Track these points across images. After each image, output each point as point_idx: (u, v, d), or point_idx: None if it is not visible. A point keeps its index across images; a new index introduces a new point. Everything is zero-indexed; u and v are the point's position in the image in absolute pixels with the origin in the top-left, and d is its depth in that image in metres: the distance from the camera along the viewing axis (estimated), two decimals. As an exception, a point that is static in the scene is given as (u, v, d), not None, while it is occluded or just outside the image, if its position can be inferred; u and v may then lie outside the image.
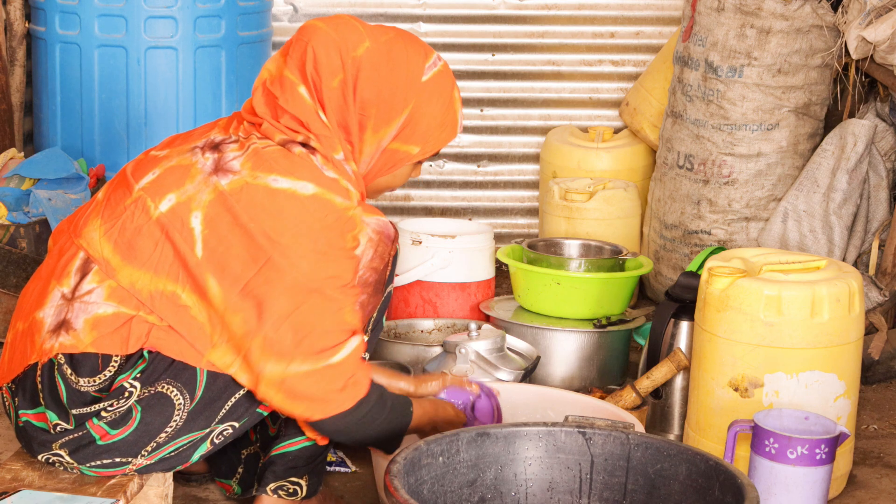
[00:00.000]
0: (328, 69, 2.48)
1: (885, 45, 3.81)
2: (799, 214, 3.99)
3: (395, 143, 2.56)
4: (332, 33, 2.50)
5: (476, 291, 3.87)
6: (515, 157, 4.97)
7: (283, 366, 2.38)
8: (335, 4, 4.85)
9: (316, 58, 2.48)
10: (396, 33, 2.57)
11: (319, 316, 2.40)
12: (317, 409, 2.43)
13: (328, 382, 2.41)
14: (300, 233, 2.39)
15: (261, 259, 2.38)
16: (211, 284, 2.39)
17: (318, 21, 2.54)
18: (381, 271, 2.61)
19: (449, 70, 2.61)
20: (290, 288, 2.38)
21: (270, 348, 2.38)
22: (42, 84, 4.32)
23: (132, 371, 2.42)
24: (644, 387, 3.17)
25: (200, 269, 2.39)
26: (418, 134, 2.57)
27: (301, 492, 2.67)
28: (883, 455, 3.29)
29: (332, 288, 2.41)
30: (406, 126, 2.55)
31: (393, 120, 2.53)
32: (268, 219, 2.40)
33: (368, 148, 2.54)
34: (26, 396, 2.46)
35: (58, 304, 2.44)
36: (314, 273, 2.39)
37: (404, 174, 2.64)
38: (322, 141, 2.48)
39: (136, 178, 2.49)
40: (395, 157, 2.59)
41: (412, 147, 2.58)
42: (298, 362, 2.38)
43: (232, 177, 2.43)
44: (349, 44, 2.50)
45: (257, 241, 2.39)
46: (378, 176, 2.61)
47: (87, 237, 2.46)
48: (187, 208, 2.42)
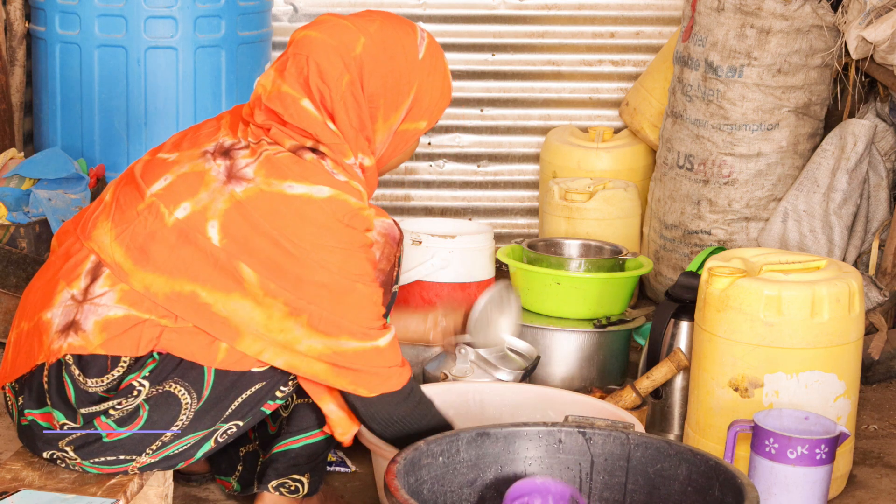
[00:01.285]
0: (334, 76, 2.48)
1: (885, 45, 3.81)
2: (799, 214, 3.99)
3: (404, 125, 2.59)
4: (329, 39, 2.50)
5: (476, 291, 3.86)
6: (515, 157, 4.97)
7: (331, 340, 2.41)
8: (335, 4, 4.84)
9: (320, 69, 2.48)
10: (382, 20, 2.57)
11: (359, 307, 2.43)
12: (363, 382, 2.45)
13: (377, 359, 2.45)
14: (322, 234, 2.41)
15: (288, 262, 2.39)
16: (245, 270, 2.39)
17: (309, 31, 2.53)
18: (388, 272, 2.64)
19: (433, 39, 2.64)
20: (326, 284, 2.41)
21: (316, 326, 2.40)
22: (42, 84, 4.32)
23: (141, 371, 2.42)
24: (644, 387, 3.17)
25: (231, 258, 2.39)
26: (424, 109, 2.60)
27: (302, 489, 2.68)
28: (883, 455, 3.29)
29: (363, 283, 2.44)
30: (413, 105, 2.58)
31: (401, 104, 2.55)
32: (288, 225, 2.40)
33: (380, 136, 2.56)
34: (32, 396, 2.46)
35: (66, 304, 2.44)
36: (344, 269, 2.42)
37: (412, 148, 2.69)
38: (333, 149, 2.49)
39: (147, 181, 2.48)
40: (406, 136, 2.62)
41: (420, 123, 2.61)
42: (346, 338, 2.42)
43: (246, 185, 2.43)
44: (347, 45, 2.50)
45: (282, 246, 2.39)
46: (392, 157, 2.65)
47: (97, 240, 2.46)
48: (203, 217, 2.42)
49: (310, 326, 2.40)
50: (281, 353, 2.43)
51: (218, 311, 2.41)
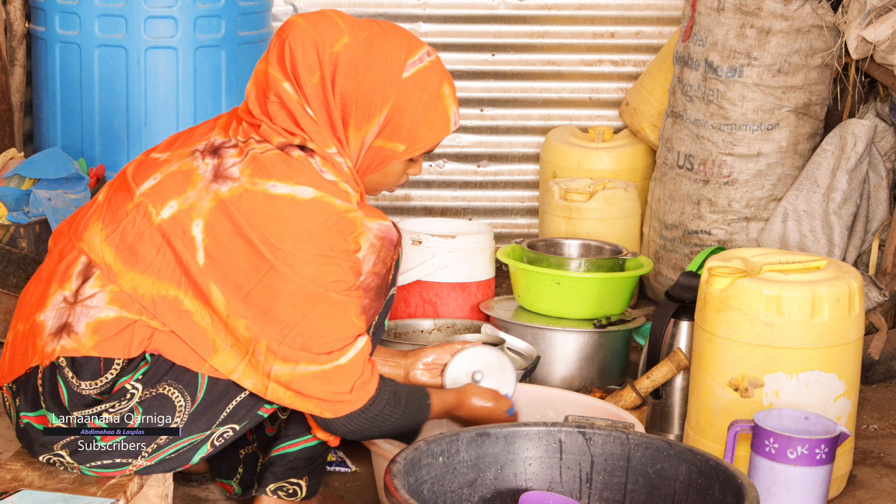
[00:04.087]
0: (305, 66, 2.46)
1: (885, 45, 3.81)
2: (799, 214, 3.99)
3: (379, 140, 2.53)
4: (310, 29, 2.48)
5: (476, 291, 3.87)
6: (515, 157, 4.97)
7: (290, 367, 2.39)
8: (335, 4, 4.84)
9: (293, 54, 2.46)
10: (381, 28, 2.53)
11: (326, 320, 2.40)
12: (326, 408, 2.44)
13: (336, 384, 2.42)
14: (301, 237, 2.39)
15: (263, 268, 2.38)
16: (214, 291, 2.39)
17: (299, 17, 2.52)
18: (383, 276, 2.60)
19: (439, 66, 2.56)
20: (296, 295, 2.38)
21: (276, 351, 2.38)
22: (42, 84, 4.32)
23: (134, 373, 2.42)
24: (644, 387, 3.17)
25: (203, 276, 2.39)
26: (402, 131, 2.53)
27: (301, 492, 2.67)
28: (883, 455, 3.29)
29: (336, 292, 2.41)
30: (388, 123, 2.51)
31: (373, 116, 2.50)
32: (268, 225, 2.39)
33: (353, 144, 2.52)
34: (27, 399, 2.46)
35: (59, 307, 2.44)
36: (318, 277, 2.39)
37: (395, 172, 2.60)
38: (315, 137, 2.47)
39: (137, 181, 2.48)
40: (382, 155, 2.55)
41: (397, 144, 2.54)
42: (305, 364, 2.39)
43: (231, 184, 2.42)
44: (326, 39, 2.48)
45: (258, 250, 2.38)
46: (368, 173, 2.58)
47: (87, 241, 2.46)
48: (189, 216, 2.41)
49: (269, 352, 2.39)
50: (251, 374, 2.41)
51: (198, 321, 2.40)
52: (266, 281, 2.38)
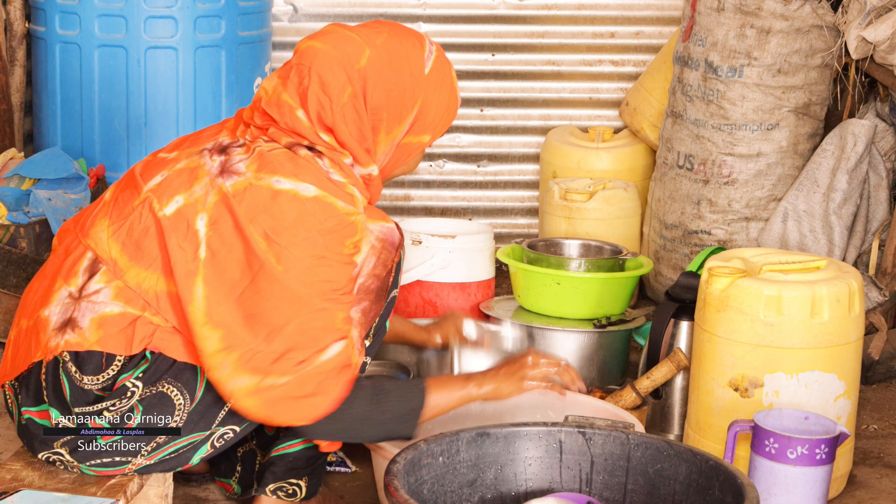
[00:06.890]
0: (336, 88, 2.48)
1: (885, 45, 3.81)
2: (799, 214, 3.99)
3: (407, 137, 2.59)
4: (333, 51, 2.50)
5: (476, 291, 3.87)
6: (515, 157, 4.97)
7: (257, 378, 2.36)
8: (335, 4, 4.85)
9: (322, 80, 2.47)
10: (389, 31, 2.56)
11: (309, 327, 2.38)
12: (293, 415, 2.39)
13: (297, 389, 2.37)
14: (298, 234, 2.39)
15: (255, 265, 2.38)
16: (196, 296, 2.38)
17: (314, 41, 2.52)
18: (383, 278, 2.59)
19: (443, 53, 2.63)
20: (283, 299, 2.37)
21: (247, 363, 2.35)
22: (42, 84, 4.32)
23: (134, 371, 2.42)
24: (644, 387, 3.17)
25: (188, 279, 2.38)
26: (428, 123, 2.59)
27: (300, 493, 2.67)
28: (883, 455, 3.29)
29: (324, 294, 2.39)
30: (417, 119, 2.57)
31: (405, 118, 2.55)
32: (268, 219, 2.40)
33: (382, 148, 2.56)
34: (30, 394, 2.47)
35: (64, 302, 2.45)
36: (308, 277, 2.38)
37: (418, 160, 2.69)
38: (327, 151, 2.49)
39: (145, 179, 2.49)
40: (409, 149, 2.61)
41: (424, 137, 2.61)
42: (275, 376, 2.36)
43: (237, 178, 2.43)
44: (351, 58, 2.50)
45: (252, 247, 2.38)
46: (393, 169, 2.64)
47: (94, 237, 2.47)
48: (194, 210, 2.42)
49: (240, 362, 2.35)
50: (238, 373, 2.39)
51: None
52: (257, 281, 2.38)
